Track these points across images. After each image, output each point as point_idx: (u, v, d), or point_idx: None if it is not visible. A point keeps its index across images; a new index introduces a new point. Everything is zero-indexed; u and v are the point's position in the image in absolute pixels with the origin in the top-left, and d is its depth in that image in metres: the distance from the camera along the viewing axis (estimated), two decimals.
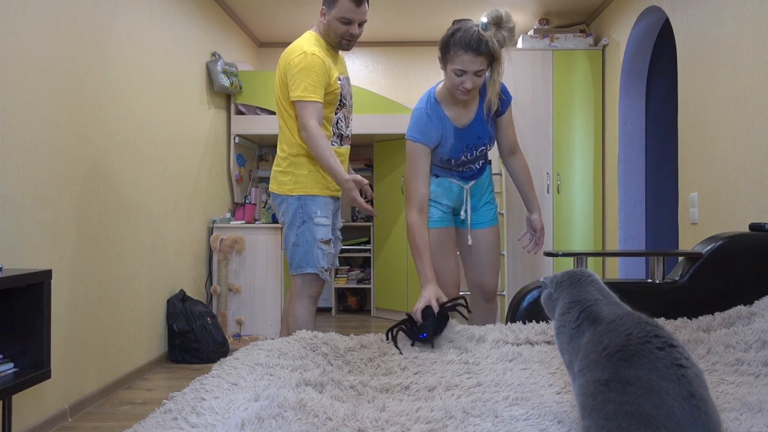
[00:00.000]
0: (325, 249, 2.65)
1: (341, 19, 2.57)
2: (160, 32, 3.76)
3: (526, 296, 2.17)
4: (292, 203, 2.65)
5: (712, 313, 2.04)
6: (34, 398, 2.56)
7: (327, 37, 2.65)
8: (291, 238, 2.66)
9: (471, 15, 5.15)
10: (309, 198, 2.64)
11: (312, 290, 2.67)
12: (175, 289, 3.98)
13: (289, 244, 2.67)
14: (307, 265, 2.64)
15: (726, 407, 1.25)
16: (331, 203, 2.72)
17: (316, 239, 2.63)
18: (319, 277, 2.66)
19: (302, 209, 2.64)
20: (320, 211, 2.64)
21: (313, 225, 2.63)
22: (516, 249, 4.84)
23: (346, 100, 2.77)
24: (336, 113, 2.73)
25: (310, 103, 2.53)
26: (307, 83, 2.53)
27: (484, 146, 2.47)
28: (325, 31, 2.64)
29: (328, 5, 2.58)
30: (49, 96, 2.66)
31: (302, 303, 2.66)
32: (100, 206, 3.06)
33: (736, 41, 2.98)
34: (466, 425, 1.13)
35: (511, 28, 2.20)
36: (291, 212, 2.65)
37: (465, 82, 2.22)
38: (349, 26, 2.59)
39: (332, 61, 2.66)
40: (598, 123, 4.84)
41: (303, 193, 2.64)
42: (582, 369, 1.03)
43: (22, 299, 2.17)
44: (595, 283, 1.18)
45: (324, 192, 2.67)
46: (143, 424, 1.21)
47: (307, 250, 2.63)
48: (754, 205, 2.83)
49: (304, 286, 2.66)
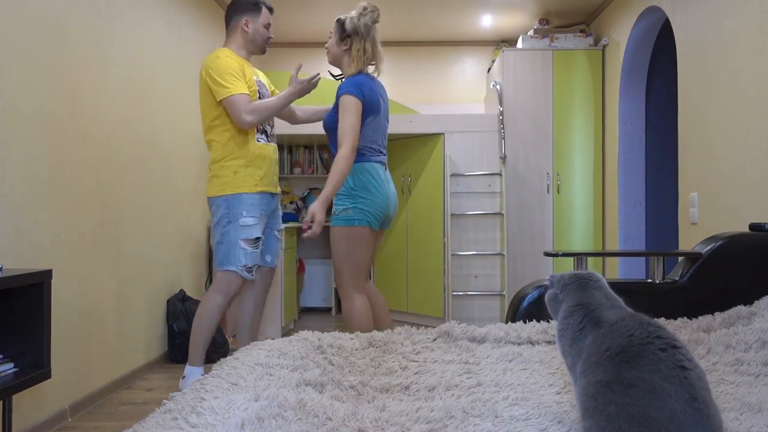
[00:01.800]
0: (248, 248, 2.81)
1: (266, 26, 2.99)
2: (160, 32, 3.76)
3: (526, 296, 2.17)
4: (220, 204, 2.84)
5: (712, 313, 2.04)
6: (34, 398, 2.56)
7: (250, 45, 2.99)
8: (216, 236, 2.86)
9: (471, 15, 5.16)
10: (235, 197, 2.81)
11: (229, 288, 2.85)
12: (175, 289, 3.98)
13: (215, 242, 2.87)
14: (229, 262, 2.81)
15: (726, 407, 1.25)
16: (259, 200, 2.86)
17: (239, 239, 2.80)
18: (239, 275, 2.83)
19: (228, 210, 2.82)
20: (246, 211, 2.81)
21: (238, 225, 2.81)
22: (516, 249, 4.84)
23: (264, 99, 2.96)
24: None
25: (234, 96, 2.76)
26: (224, 82, 2.77)
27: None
28: (249, 40, 2.97)
29: (251, 16, 2.96)
30: (49, 96, 2.66)
31: (214, 298, 2.85)
32: (100, 206, 3.06)
33: (736, 41, 2.98)
34: (466, 425, 1.13)
35: (373, 18, 2.83)
36: (219, 213, 2.84)
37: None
38: (269, 30, 3.01)
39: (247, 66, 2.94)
40: (598, 123, 4.84)
41: (229, 192, 2.82)
42: (584, 370, 1.03)
43: (22, 299, 2.17)
44: (601, 288, 1.18)
45: (252, 189, 2.83)
46: (143, 424, 1.21)
47: (230, 249, 2.81)
48: (754, 205, 2.83)
49: (222, 283, 2.84)
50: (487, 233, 4.78)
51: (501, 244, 4.72)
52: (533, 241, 4.85)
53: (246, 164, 2.84)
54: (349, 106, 2.71)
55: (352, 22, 2.81)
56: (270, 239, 3.03)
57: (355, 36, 2.82)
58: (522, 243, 4.85)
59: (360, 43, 2.82)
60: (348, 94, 2.72)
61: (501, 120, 4.83)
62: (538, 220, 4.85)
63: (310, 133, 4.94)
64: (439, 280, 4.77)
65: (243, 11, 2.95)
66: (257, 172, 2.86)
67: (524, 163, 4.85)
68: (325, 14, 5.14)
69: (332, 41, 2.87)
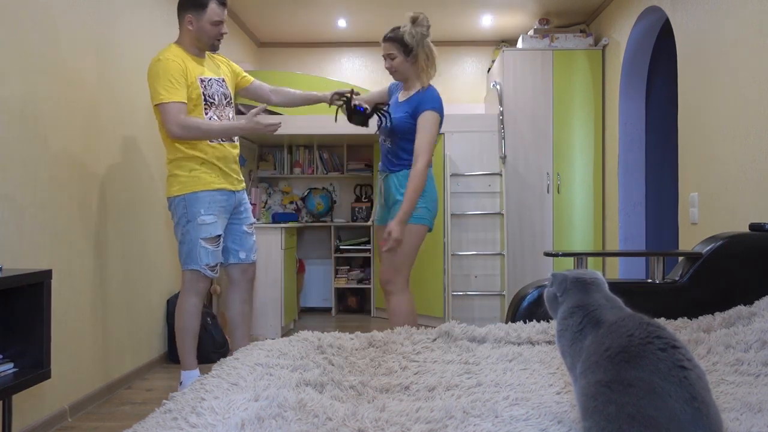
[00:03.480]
0: (209, 247, 2.79)
1: (213, 22, 2.79)
2: (160, 32, 3.76)
3: (526, 296, 2.17)
4: (178, 204, 2.79)
5: (712, 313, 2.04)
6: (34, 398, 2.56)
7: (197, 43, 2.82)
8: (177, 236, 2.84)
9: (471, 15, 5.16)
10: (192, 196, 2.77)
11: (198, 286, 2.84)
12: (175, 289, 3.98)
13: (178, 242, 2.85)
14: (192, 262, 2.79)
15: (726, 407, 1.25)
16: (221, 199, 2.82)
17: (199, 238, 2.77)
18: (202, 274, 2.81)
19: (186, 209, 2.78)
20: (204, 210, 2.77)
21: (197, 224, 2.77)
22: (516, 249, 4.84)
23: (214, 98, 2.84)
24: (206, 113, 2.80)
25: (167, 104, 2.67)
26: (159, 87, 2.67)
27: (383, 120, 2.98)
28: (195, 38, 2.81)
29: (195, 13, 2.77)
30: (49, 96, 2.66)
31: (188, 299, 2.84)
32: (100, 206, 3.06)
33: (736, 41, 2.98)
34: (466, 425, 1.13)
35: (426, 26, 2.91)
36: (178, 213, 2.81)
37: (386, 63, 3.00)
38: (219, 27, 2.82)
39: (196, 64, 2.81)
40: (598, 123, 4.84)
41: (186, 191, 2.77)
42: (584, 371, 1.03)
43: (22, 299, 2.17)
44: (601, 289, 1.18)
45: (209, 187, 2.78)
46: (143, 424, 1.21)
47: (191, 249, 2.78)
48: (754, 205, 2.83)
49: (190, 282, 2.83)
50: (487, 233, 4.78)
51: (501, 244, 4.72)
52: (533, 241, 4.85)
53: (201, 162, 2.77)
54: (431, 122, 2.89)
55: (411, 35, 2.88)
56: (239, 235, 2.96)
57: (419, 48, 2.90)
58: (522, 243, 4.85)
59: (423, 52, 2.92)
60: (433, 110, 2.90)
61: (501, 120, 4.83)
62: (538, 220, 4.85)
63: (310, 134, 4.94)
64: (439, 280, 4.77)
65: (186, 7, 2.79)
66: (213, 170, 2.80)
67: (524, 163, 4.85)
68: (325, 14, 5.14)
69: (398, 60, 2.93)
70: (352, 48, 5.92)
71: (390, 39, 2.92)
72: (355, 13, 5.10)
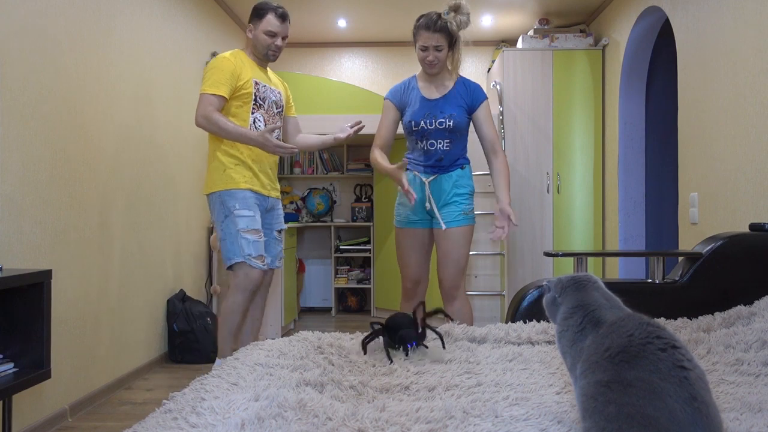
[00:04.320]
0: (250, 237, 2.80)
1: (267, 32, 2.90)
2: (160, 32, 3.76)
3: (526, 296, 2.17)
4: (214, 200, 2.86)
5: (712, 313, 2.04)
6: (34, 398, 2.56)
7: (254, 51, 2.96)
8: (219, 233, 2.86)
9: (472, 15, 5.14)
10: (226, 193, 2.82)
11: (245, 282, 2.80)
12: (175, 289, 3.98)
13: (219, 240, 2.86)
14: (234, 255, 2.79)
15: (726, 407, 1.25)
16: (253, 197, 2.86)
17: (238, 229, 2.78)
18: (247, 264, 2.78)
19: (222, 205, 2.82)
20: (239, 204, 2.81)
21: (234, 217, 2.80)
22: (516, 249, 4.84)
23: (264, 102, 2.95)
24: (252, 113, 2.89)
25: (206, 95, 2.78)
26: (211, 80, 2.79)
27: (444, 119, 2.79)
28: (252, 45, 2.95)
29: (254, 21, 2.92)
30: (49, 96, 2.66)
31: (233, 295, 2.81)
32: (100, 206, 3.06)
33: (736, 41, 2.98)
34: (466, 425, 1.13)
35: (467, 13, 2.74)
36: (215, 209, 2.86)
37: (428, 56, 2.74)
38: (274, 39, 2.92)
39: (256, 68, 2.95)
40: (598, 123, 4.84)
41: (221, 188, 2.83)
42: (584, 371, 1.03)
43: (22, 299, 2.17)
44: (599, 289, 1.18)
45: (241, 186, 2.84)
46: (143, 424, 1.21)
47: (233, 242, 2.79)
48: (754, 205, 2.83)
49: (236, 278, 2.81)
50: (487, 233, 4.77)
51: (501, 244, 4.71)
52: (533, 241, 4.85)
53: (236, 163, 2.84)
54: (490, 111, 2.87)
55: (455, 23, 2.71)
56: (269, 240, 3.00)
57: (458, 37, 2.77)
58: (522, 243, 4.85)
59: (460, 42, 2.79)
60: (487, 99, 2.84)
61: (501, 120, 4.82)
62: (538, 220, 4.85)
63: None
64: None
65: (251, 15, 2.95)
66: (246, 172, 2.85)
67: (524, 163, 4.85)
68: (325, 14, 5.14)
69: (444, 52, 2.74)
70: (352, 48, 5.92)
71: (440, 29, 2.69)
72: (355, 13, 5.10)
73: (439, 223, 2.79)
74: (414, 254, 2.90)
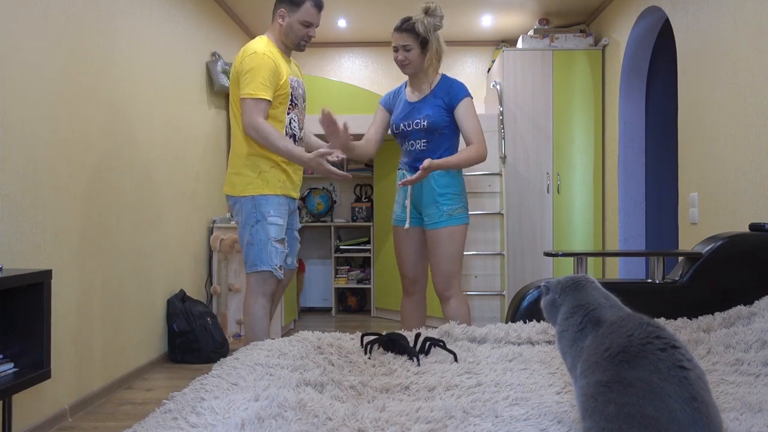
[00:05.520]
0: (279, 247, 2.73)
1: (303, 22, 2.75)
2: (160, 32, 3.76)
3: (526, 296, 2.17)
4: (245, 203, 2.72)
5: (712, 313, 2.04)
6: (34, 398, 2.56)
7: (285, 39, 2.79)
8: (245, 237, 2.74)
9: (471, 15, 5.15)
10: (262, 198, 2.71)
11: (266, 288, 2.74)
12: (175, 289, 3.98)
13: (244, 243, 2.75)
14: (261, 263, 2.71)
15: (726, 407, 1.25)
16: (286, 203, 2.79)
17: (269, 237, 2.70)
18: (272, 274, 2.73)
19: (256, 209, 2.71)
20: (273, 211, 2.72)
21: (267, 224, 2.71)
22: (516, 249, 4.84)
23: (298, 101, 2.85)
24: (288, 113, 2.80)
25: (257, 100, 2.62)
26: (257, 82, 2.62)
27: (419, 119, 2.86)
28: (283, 33, 2.78)
29: (289, 9, 2.74)
30: (49, 96, 2.66)
31: (257, 301, 2.74)
32: (100, 206, 3.06)
33: (736, 41, 2.98)
34: (466, 425, 1.13)
35: (440, 16, 2.83)
36: (245, 212, 2.73)
37: (398, 56, 2.85)
38: (309, 29, 2.79)
39: (285, 63, 2.78)
40: (598, 123, 4.84)
41: (255, 193, 2.71)
42: (584, 371, 1.03)
43: (22, 299, 2.17)
44: (597, 289, 1.18)
45: (277, 191, 2.74)
46: (143, 424, 1.21)
47: (261, 249, 2.70)
48: (754, 205, 2.83)
49: (258, 284, 2.73)
50: (487, 233, 4.77)
51: (501, 244, 4.71)
52: (533, 241, 4.85)
53: (272, 166, 2.72)
54: (473, 107, 2.89)
55: (423, 24, 2.79)
56: (291, 240, 2.92)
57: (432, 36, 2.82)
58: (522, 243, 4.85)
59: (435, 42, 2.84)
60: (469, 96, 2.86)
61: (501, 120, 4.82)
62: (538, 220, 4.85)
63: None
64: None
65: (282, 1, 2.77)
66: (281, 176, 2.75)
67: (524, 163, 4.85)
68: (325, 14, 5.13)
69: (414, 53, 2.81)
70: (352, 48, 5.92)
71: (406, 29, 2.79)
72: (355, 13, 5.10)
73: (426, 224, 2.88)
74: (408, 252, 2.96)
